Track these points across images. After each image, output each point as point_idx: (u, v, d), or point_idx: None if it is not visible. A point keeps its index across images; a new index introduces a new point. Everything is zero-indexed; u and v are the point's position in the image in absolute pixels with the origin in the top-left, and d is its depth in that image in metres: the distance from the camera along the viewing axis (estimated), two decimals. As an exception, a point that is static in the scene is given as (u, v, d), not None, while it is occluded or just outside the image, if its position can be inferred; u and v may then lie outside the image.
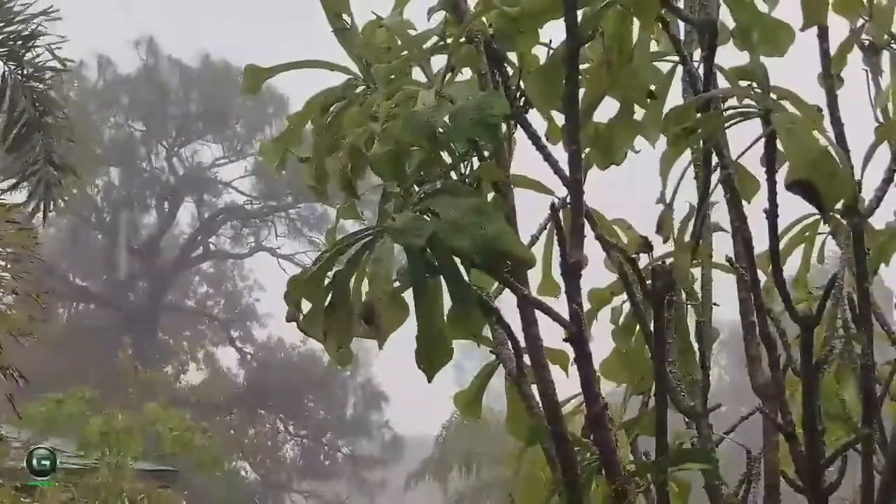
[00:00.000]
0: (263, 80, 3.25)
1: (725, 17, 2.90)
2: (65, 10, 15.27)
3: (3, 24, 14.54)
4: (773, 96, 2.70)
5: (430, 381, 2.58)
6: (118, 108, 48.55)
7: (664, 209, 2.91)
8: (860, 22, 3.29)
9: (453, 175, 2.69)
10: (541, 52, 2.93)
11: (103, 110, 47.62)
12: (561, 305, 2.78)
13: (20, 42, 14.59)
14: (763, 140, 2.75)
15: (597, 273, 3.13)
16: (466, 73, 2.98)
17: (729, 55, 2.90)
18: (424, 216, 2.49)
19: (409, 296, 2.55)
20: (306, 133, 3.21)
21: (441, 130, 2.54)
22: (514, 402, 3.18)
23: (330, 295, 2.61)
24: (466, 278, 2.55)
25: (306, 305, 2.66)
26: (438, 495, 40.45)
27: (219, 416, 44.19)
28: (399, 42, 3.05)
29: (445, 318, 2.54)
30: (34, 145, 14.55)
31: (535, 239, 3.16)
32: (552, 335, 2.89)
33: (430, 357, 2.55)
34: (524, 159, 2.97)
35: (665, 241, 3.02)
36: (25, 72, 14.63)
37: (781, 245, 3.16)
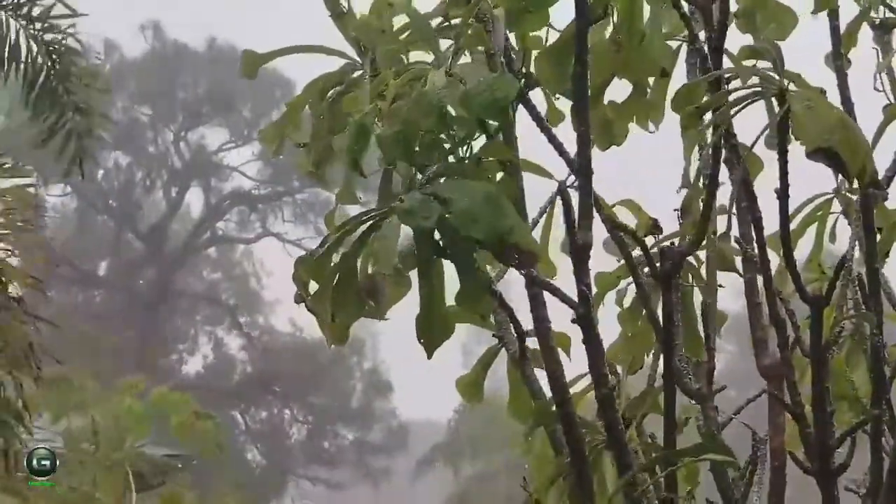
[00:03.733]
0: (260, 65, 3.25)
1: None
2: (71, -3, 15.21)
3: None
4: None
5: (429, 357, 2.58)
6: (125, 93, 48.53)
7: (689, 192, 2.90)
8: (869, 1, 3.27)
9: (458, 155, 2.69)
10: (542, 34, 2.93)
11: (111, 95, 47.58)
12: (569, 287, 2.78)
13: None
14: (772, 120, 2.74)
15: (598, 257, 3.13)
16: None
17: (733, 38, 2.90)
18: (431, 198, 2.49)
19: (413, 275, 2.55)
20: (307, 118, 3.21)
21: (451, 111, 2.54)
22: (516, 384, 3.18)
23: (337, 276, 2.61)
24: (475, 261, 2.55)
25: (313, 287, 2.66)
26: (447, 480, 40.54)
27: (225, 401, 44.26)
28: (396, 25, 3.04)
29: (454, 299, 2.54)
30: (58, 96, 14.38)
31: (536, 221, 3.15)
32: (553, 318, 2.89)
33: (430, 333, 2.56)
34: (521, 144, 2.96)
35: (691, 226, 3.01)
36: (36, 25, 14.48)
37: (793, 225, 3.15)
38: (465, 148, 2.66)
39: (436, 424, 43.46)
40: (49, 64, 14.26)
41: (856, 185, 3.03)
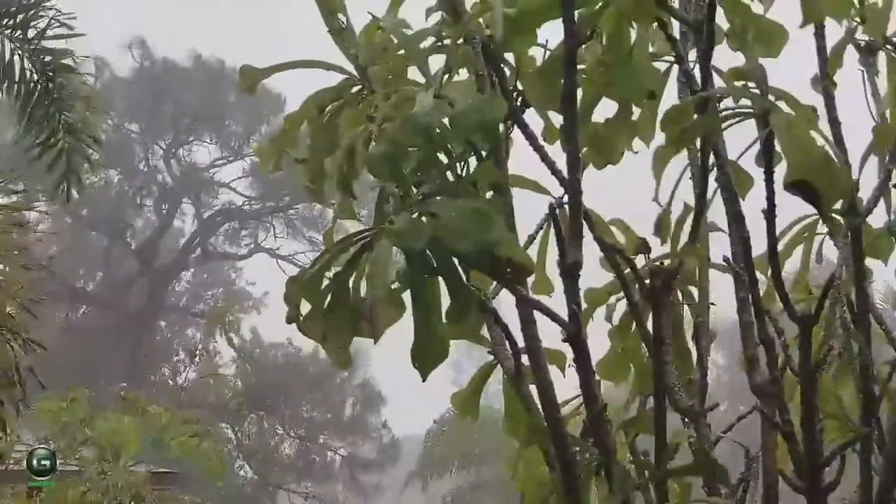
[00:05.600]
0: (259, 80, 3.25)
1: (720, 17, 2.90)
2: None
3: None
4: (770, 97, 2.70)
5: (423, 380, 2.58)
6: (115, 110, 48.49)
7: (662, 210, 2.91)
8: (854, 23, 3.29)
9: (450, 176, 2.69)
10: (537, 53, 2.94)
11: (101, 112, 47.52)
12: (559, 305, 2.78)
13: (23, 15, 14.44)
14: (759, 139, 2.75)
15: (590, 272, 3.14)
16: (463, 74, 2.98)
17: (724, 56, 2.90)
18: (423, 218, 2.49)
19: (406, 295, 2.55)
20: (303, 133, 3.21)
21: (439, 131, 2.54)
22: (512, 402, 3.18)
23: (329, 296, 2.60)
24: (465, 280, 2.55)
25: (305, 307, 2.66)
26: (435, 495, 40.49)
27: (216, 417, 44.13)
28: (395, 42, 3.05)
29: (443, 317, 2.54)
30: (50, 114, 14.33)
31: (531, 239, 3.16)
32: (549, 335, 2.89)
33: (425, 356, 2.55)
34: (520, 159, 2.97)
35: (663, 243, 3.03)
36: (33, 44, 14.45)
37: (780, 245, 3.16)
38: (461, 165, 2.67)
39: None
40: (42, 83, 14.22)
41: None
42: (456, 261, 2.52)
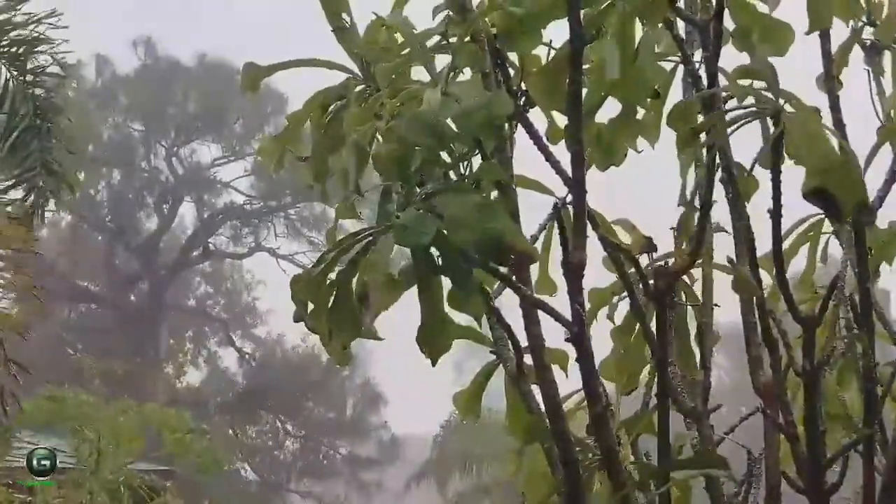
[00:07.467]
0: (262, 78, 3.25)
1: (725, 17, 2.90)
2: (63, 10, 15.29)
3: (8, 27, 14.57)
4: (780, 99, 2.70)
5: (433, 364, 2.58)
6: (117, 109, 48.49)
7: (684, 211, 2.90)
8: (860, 23, 3.29)
9: (453, 175, 2.69)
10: (542, 53, 2.94)
11: (102, 110, 47.53)
12: (562, 305, 2.78)
13: (23, 48, 14.62)
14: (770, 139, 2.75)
15: (595, 272, 3.13)
16: (467, 73, 2.98)
17: (728, 56, 2.90)
18: (428, 214, 2.49)
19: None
20: (305, 132, 3.21)
21: (447, 130, 2.54)
22: (514, 401, 3.18)
23: (333, 294, 2.60)
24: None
25: (310, 305, 2.66)
26: (437, 496, 40.48)
27: (218, 416, 44.16)
28: (399, 41, 3.05)
29: (446, 301, 2.55)
30: (31, 151, 14.58)
31: (534, 238, 3.15)
32: (552, 335, 2.89)
33: (432, 340, 2.56)
34: (523, 159, 2.97)
35: (680, 245, 3.02)
36: (27, 78, 14.64)
37: (784, 245, 3.16)
38: (464, 164, 2.67)
39: (427, 439, 43.44)
40: (31, 119, 14.43)
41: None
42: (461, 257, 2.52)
